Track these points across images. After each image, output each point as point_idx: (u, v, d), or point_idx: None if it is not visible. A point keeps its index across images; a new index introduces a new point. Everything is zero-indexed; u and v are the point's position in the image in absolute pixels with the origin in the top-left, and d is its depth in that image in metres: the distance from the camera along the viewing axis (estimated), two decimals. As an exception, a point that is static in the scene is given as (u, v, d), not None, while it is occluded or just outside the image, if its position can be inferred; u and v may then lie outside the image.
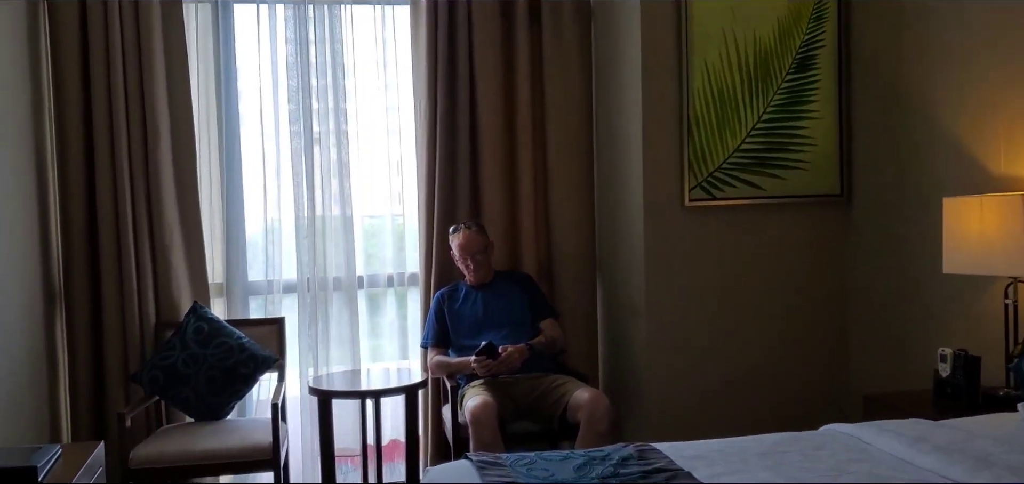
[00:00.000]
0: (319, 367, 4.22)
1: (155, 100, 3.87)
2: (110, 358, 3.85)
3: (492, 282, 4.06)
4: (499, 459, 2.38)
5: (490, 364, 3.69)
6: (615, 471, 2.22)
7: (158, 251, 3.91)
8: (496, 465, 2.32)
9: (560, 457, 2.37)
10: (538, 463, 2.31)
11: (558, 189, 4.31)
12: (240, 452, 3.48)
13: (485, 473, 2.24)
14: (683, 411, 3.95)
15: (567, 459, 2.34)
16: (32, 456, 2.03)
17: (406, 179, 4.37)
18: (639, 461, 2.32)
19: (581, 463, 2.29)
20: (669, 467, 2.26)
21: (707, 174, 3.92)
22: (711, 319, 3.98)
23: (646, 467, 2.26)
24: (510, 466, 2.30)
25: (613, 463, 2.27)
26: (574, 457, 2.36)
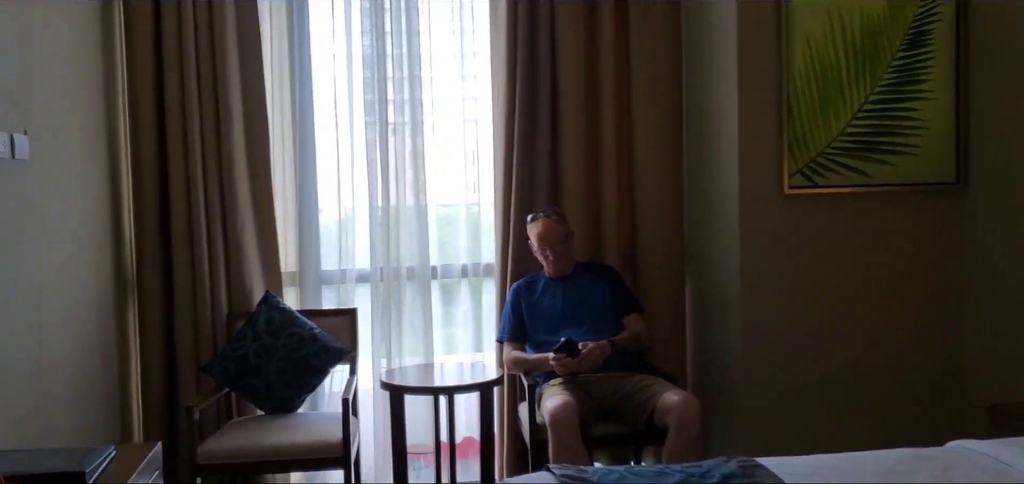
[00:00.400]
0: (392, 359, 4.06)
1: (228, 88, 3.74)
2: (182, 349, 3.76)
3: (573, 274, 3.83)
4: (584, 473, 2.16)
5: (569, 362, 3.47)
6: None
7: (231, 240, 3.80)
8: (582, 480, 2.09)
9: (654, 473, 2.14)
10: (629, 480, 2.08)
11: (644, 176, 4.05)
12: (310, 448, 3.34)
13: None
14: (779, 416, 3.67)
15: (662, 475, 2.11)
16: (83, 459, 1.89)
17: (482, 168, 4.19)
18: (744, 479, 2.06)
19: (678, 481, 2.04)
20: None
21: (809, 159, 3.61)
22: (812, 317, 3.67)
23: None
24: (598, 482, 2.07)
25: (715, 482, 2.03)
26: (671, 474, 2.12)
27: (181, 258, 3.74)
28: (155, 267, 3.76)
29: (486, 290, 4.23)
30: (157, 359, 3.77)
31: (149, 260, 3.75)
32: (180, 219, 3.73)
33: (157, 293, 3.77)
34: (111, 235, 3.60)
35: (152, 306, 3.76)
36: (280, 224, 3.96)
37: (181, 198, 3.72)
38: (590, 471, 2.17)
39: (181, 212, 3.73)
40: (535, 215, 3.80)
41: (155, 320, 3.76)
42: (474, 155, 4.18)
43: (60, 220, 3.11)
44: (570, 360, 3.46)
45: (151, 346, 3.76)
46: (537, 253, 3.79)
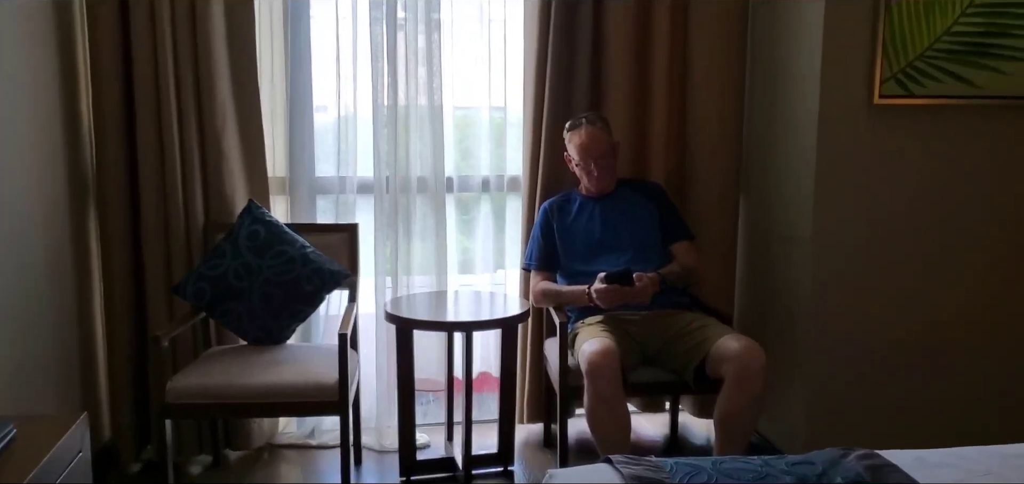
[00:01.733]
0: (398, 285, 3.49)
1: (205, -47, 3.09)
2: (151, 265, 3.18)
3: (614, 192, 3.24)
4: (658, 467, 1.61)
5: (623, 293, 2.89)
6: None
7: (207, 136, 3.18)
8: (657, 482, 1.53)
9: (751, 473, 1.58)
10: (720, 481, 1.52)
11: (699, 79, 3.43)
12: (299, 390, 2.80)
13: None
14: (859, 371, 3.12)
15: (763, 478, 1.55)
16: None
17: (510, 70, 3.56)
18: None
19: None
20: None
21: (906, 64, 2.98)
22: (903, 253, 3.09)
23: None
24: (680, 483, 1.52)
25: (839, 489, 1.47)
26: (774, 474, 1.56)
27: (148, 159, 3.13)
28: (118, 169, 3.16)
29: (511, 208, 3.64)
30: (122, 278, 3.19)
31: (111, 160, 3.14)
32: (147, 111, 3.11)
33: (121, 200, 3.17)
34: (62, 124, 2.99)
35: (115, 216, 3.16)
36: (267, 121, 3.35)
37: (148, 84, 3.09)
38: (667, 467, 1.61)
39: (148, 102, 3.10)
40: (576, 121, 3.19)
41: (119, 232, 3.17)
42: (500, 55, 3.56)
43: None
44: (623, 291, 2.89)
45: (116, 261, 3.17)
46: (576, 166, 3.19)
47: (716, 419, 2.82)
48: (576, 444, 3.40)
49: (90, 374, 3.18)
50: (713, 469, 1.57)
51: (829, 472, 1.57)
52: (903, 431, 3.16)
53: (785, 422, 3.26)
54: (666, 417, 3.65)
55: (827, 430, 3.12)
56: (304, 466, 3.33)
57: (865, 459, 1.63)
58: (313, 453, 3.43)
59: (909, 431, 3.16)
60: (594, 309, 3.02)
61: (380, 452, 3.44)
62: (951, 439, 3.08)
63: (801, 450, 3.08)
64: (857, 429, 3.13)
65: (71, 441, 1.49)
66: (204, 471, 3.28)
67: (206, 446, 3.33)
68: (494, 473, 3.24)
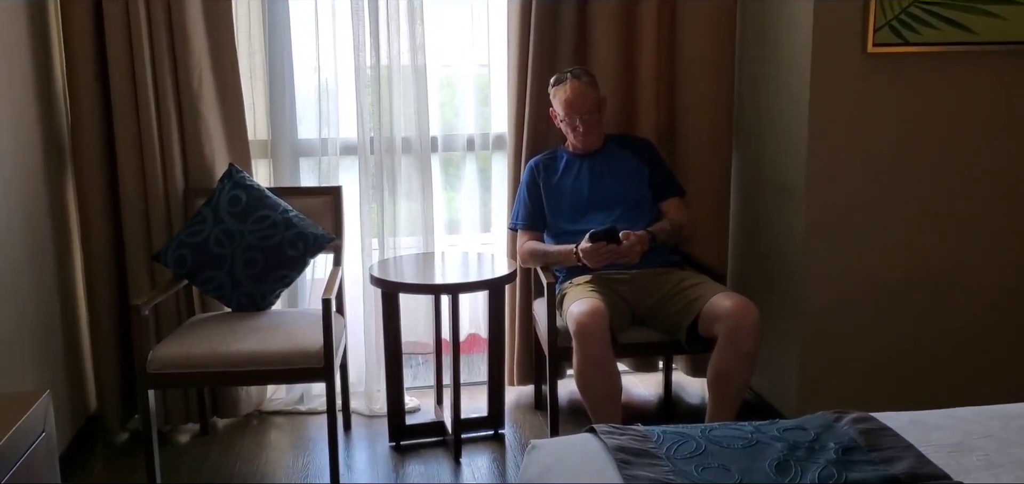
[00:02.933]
0: (384, 247, 3.42)
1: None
2: (131, 232, 3.12)
3: (602, 149, 3.16)
4: (644, 436, 1.55)
5: (609, 251, 2.83)
6: (841, 477, 1.37)
7: (184, 100, 3.10)
8: (643, 455, 1.48)
9: (742, 440, 1.53)
10: (710, 452, 1.47)
11: (688, 26, 3.33)
12: (283, 357, 2.74)
13: (629, 468, 1.41)
14: (854, 322, 3.07)
15: (753, 445, 1.50)
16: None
17: (493, 26, 3.46)
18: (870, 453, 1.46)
19: (780, 459, 1.44)
20: (932, 473, 1.39)
21: (900, 10, 2.89)
22: (896, 204, 3.03)
23: (886, 472, 1.39)
24: (667, 455, 1.46)
25: (832, 459, 1.42)
26: (765, 440, 1.51)
27: (124, 123, 3.05)
28: (94, 134, 3.08)
29: (496, 166, 3.56)
30: (102, 246, 3.13)
31: (87, 125, 3.06)
32: (121, 71, 3.02)
33: (98, 167, 3.10)
34: (37, 92, 2.90)
35: (93, 183, 3.09)
36: (246, 83, 3.26)
37: (120, 44, 3.00)
38: (652, 434, 1.56)
39: (122, 63, 3.01)
40: (561, 76, 3.10)
41: (97, 200, 3.10)
42: (483, 14, 3.47)
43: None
44: (610, 249, 2.83)
45: (94, 227, 3.11)
46: (562, 123, 3.11)
47: (709, 378, 2.77)
48: (568, 405, 3.37)
49: (73, 344, 3.13)
50: (702, 436, 1.51)
51: (822, 437, 1.52)
52: (899, 382, 3.13)
53: (779, 377, 3.22)
54: (660, 377, 3.62)
55: (822, 384, 3.08)
56: (293, 432, 3.29)
57: (859, 422, 1.58)
58: (303, 419, 3.39)
59: (905, 382, 3.13)
60: (582, 269, 2.96)
61: (370, 417, 3.40)
62: (949, 390, 3.09)
63: (795, 406, 3.08)
64: (853, 382, 3.10)
65: (32, 421, 1.43)
66: (192, 439, 3.24)
67: (194, 414, 3.28)
68: (484, 436, 3.21)
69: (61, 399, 2.98)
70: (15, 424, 1.36)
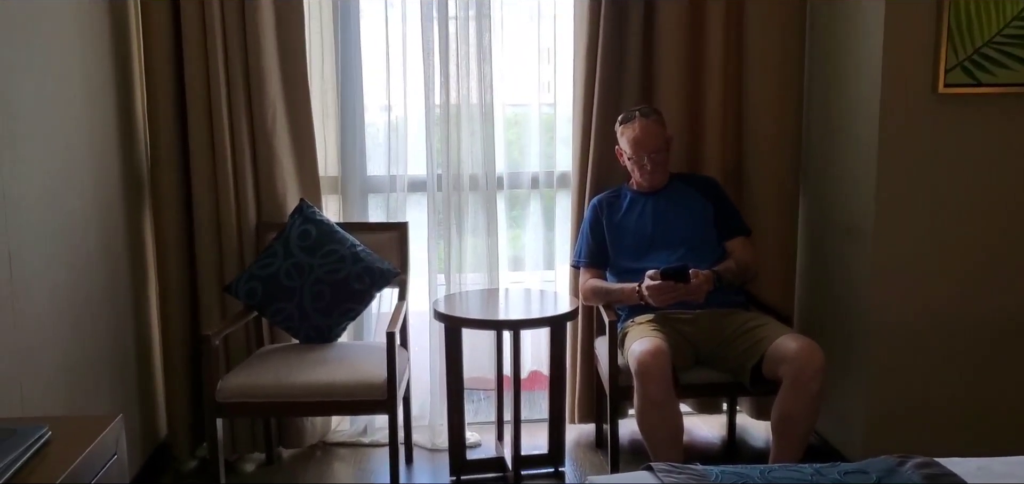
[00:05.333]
0: (451, 282, 3.46)
1: (255, -44, 3.10)
2: (204, 264, 3.22)
3: (666, 187, 3.16)
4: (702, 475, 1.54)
5: (674, 292, 2.82)
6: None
7: (259, 136, 3.21)
8: (698, 489, 1.47)
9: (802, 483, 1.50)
10: (766, 490, 1.46)
11: (755, 67, 3.32)
12: (348, 389, 2.79)
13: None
14: (922, 369, 2.99)
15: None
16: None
17: (559, 66, 3.51)
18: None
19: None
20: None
21: (973, 50, 2.84)
22: (967, 249, 2.95)
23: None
24: (722, 492, 1.45)
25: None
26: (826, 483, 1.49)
27: (201, 159, 3.17)
28: (172, 168, 3.20)
29: (560, 205, 3.59)
30: (176, 277, 3.24)
31: (165, 160, 3.18)
32: (198, 111, 3.14)
33: (175, 200, 3.21)
34: (119, 127, 3.04)
35: (169, 215, 3.20)
36: (318, 121, 3.36)
37: (199, 85, 3.13)
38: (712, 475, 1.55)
39: (199, 102, 3.14)
40: (629, 114, 3.12)
41: (173, 232, 3.22)
42: (549, 53, 3.52)
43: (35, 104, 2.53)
44: (676, 288, 2.82)
45: (169, 262, 3.22)
46: (629, 161, 3.12)
47: (773, 421, 2.73)
48: (629, 445, 3.34)
49: (146, 372, 3.23)
50: (760, 478, 1.50)
51: (884, 481, 1.49)
52: (967, 432, 3.02)
53: (845, 421, 3.15)
54: (723, 419, 3.56)
55: (888, 430, 3.00)
56: (356, 464, 3.33)
57: (923, 467, 1.54)
58: (365, 451, 3.43)
59: (973, 432, 3.03)
60: (644, 307, 2.96)
61: (432, 450, 3.43)
62: (1019, 441, 2.97)
63: (860, 451, 3.00)
64: (919, 429, 3.01)
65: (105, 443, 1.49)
66: (257, 469, 3.31)
67: (260, 444, 3.35)
68: (544, 474, 3.20)
69: (133, 425, 3.08)
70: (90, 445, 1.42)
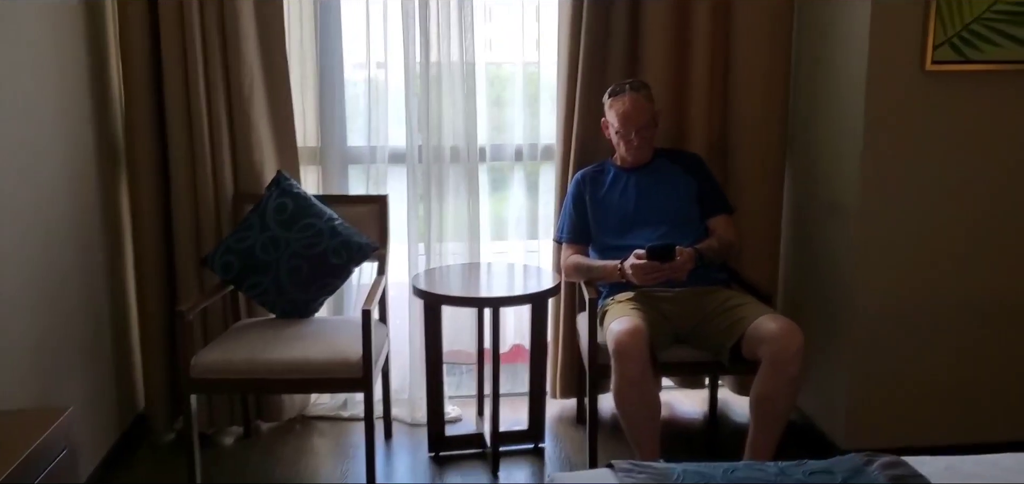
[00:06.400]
0: (431, 252, 3.42)
1: (229, -86, 3.02)
2: (181, 236, 3.17)
3: (650, 163, 3.11)
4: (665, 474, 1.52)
5: (658, 271, 2.78)
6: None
7: (235, 106, 3.14)
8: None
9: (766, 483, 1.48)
10: (728, 491, 1.43)
11: (742, 44, 3.26)
12: (323, 366, 2.75)
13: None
14: (900, 351, 2.97)
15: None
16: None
17: (544, 32, 3.44)
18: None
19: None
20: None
21: (961, 27, 2.78)
22: (953, 228, 2.92)
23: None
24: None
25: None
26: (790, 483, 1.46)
27: (177, 129, 3.11)
28: (148, 138, 3.14)
29: (544, 177, 3.54)
30: (153, 249, 3.19)
31: (140, 130, 3.12)
32: (174, 76, 3.06)
33: (151, 171, 3.16)
34: (92, 96, 2.97)
35: (145, 186, 3.15)
36: (297, 90, 3.30)
37: (175, 49, 3.05)
38: (674, 474, 1.52)
39: (175, 68, 3.06)
40: (618, 87, 3.06)
41: (149, 204, 3.16)
42: (532, 19, 3.45)
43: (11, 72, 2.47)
44: (661, 268, 2.78)
45: (145, 233, 3.17)
46: (616, 134, 3.06)
47: (752, 401, 2.71)
48: (611, 420, 3.32)
49: (123, 345, 3.20)
50: (723, 478, 1.47)
51: (849, 482, 1.46)
52: (950, 409, 3.02)
53: (828, 399, 3.13)
54: (705, 393, 3.54)
55: (871, 407, 2.99)
56: (335, 438, 3.31)
57: (889, 468, 1.51)
58: (345, 425, 3.42)
59: (955, 409, 3.02)
60: (626, 285, 2.92)
61: (412, 425, 3.41)
62: (1003, 419, 2.97)
63: (844, 429, 2.99)
64: (902, 406, 3.00)
65: (53, 438, 1.46)
66: (236, 442, 3.29)
67: (238, 417, 3.33)
68: (524, 449, 3.19)
69: (109, 398, 3.06)
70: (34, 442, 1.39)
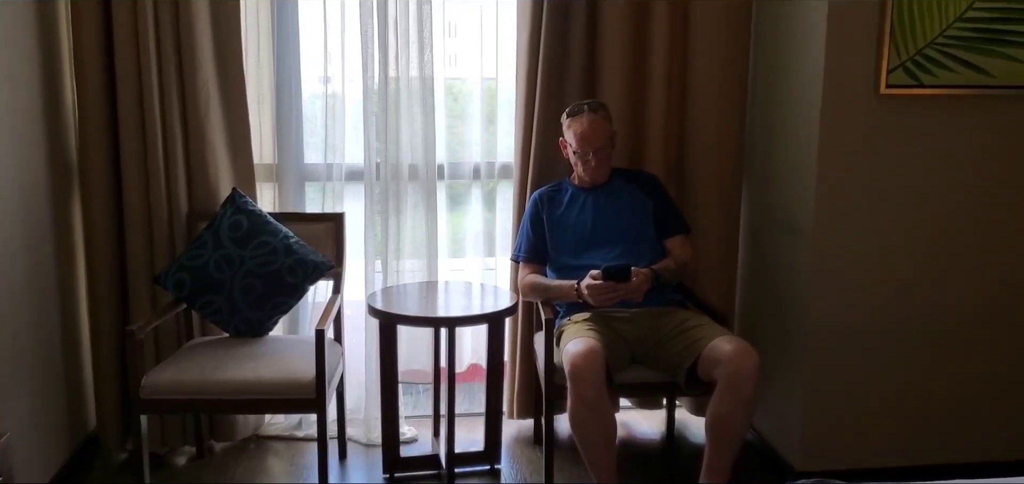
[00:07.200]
0: (388, 270, 3.39)
1: (187, -71, 2.99)
2: (134, 254, 3.11)
3: (607, 183, 3.11)
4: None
5: (614, 292, 2.78)
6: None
7: (191, 122, 3.10)
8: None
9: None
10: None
11: (699, 60, 3.28)
12: (275, 386, 2.72)
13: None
14: (854, 370, 2.99)
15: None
16: None
17: (502, 50, 3.44)
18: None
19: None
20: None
21: (915, 51, 2.82)
22: (906, 248, 2.95)
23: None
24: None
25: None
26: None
27: (131, 145, 3.05)
28: (102, 155, 3.08)
29: (502, 195, 3.52)
30: (106, 267, 3.12)
31: (94, 147, 3.06)
32: (129, 90, 3.02)
33: (105, 188, 3.10)
34: (46, 113, 2.92)
35: (99, 204, 3.09)
36: (253, 105, 3.26)
37: (130, 67, 3.00)
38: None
39: (129, 85, 3.02)
40: (577, 107, 3.05)
41: (103, 220, 3.10)
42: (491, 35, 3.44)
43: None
44: (617, 288, 2.78)
45: (99, 251, 3.11)
46: (574, 154, 3.06)
47: (707, 423, 2.70)
48: (568, 440, 3.30)
49: (74, 362, 3.14)
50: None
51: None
52: (905, 429, 3.05)
53: (784, 420, 3.15)
54: (663, 414, 3.54)
55: (827, 429, 3.01)
56: (290, 458, 3.26)
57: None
58: (300, 445, 3.37)
59: (911, 429, 3.05)
60: (583, 305, 2.91)
61: (367, 446, 3.37)
62: (957, 439, 3.01)
63: (799, 450, 3.01)
64: (858, 426, 3.02)
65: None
66: (188, 462, 3.23)
67: (190, 437, 3.27)
68: (479, 470, 3.16)
69: (59, 417, 3.00)
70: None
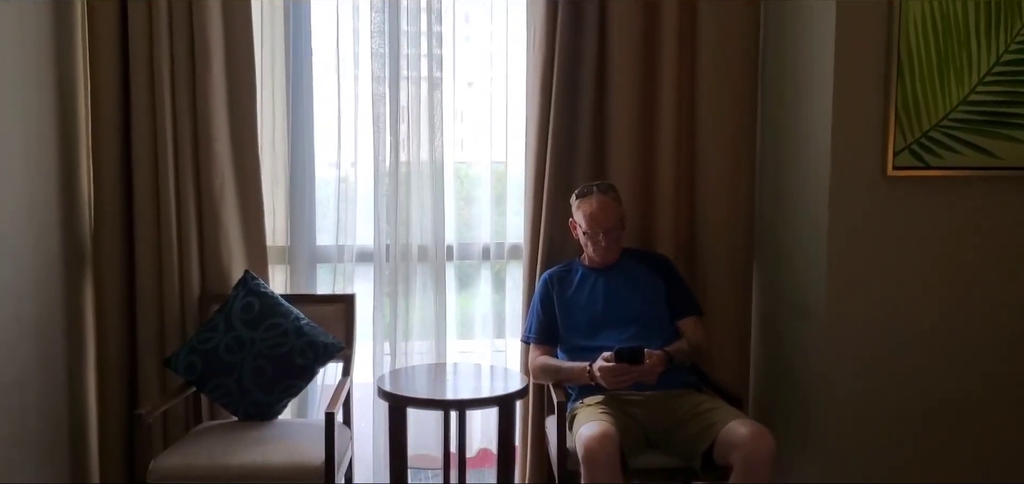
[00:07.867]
0: (397, 351, 3.38)
1: (206, 21, 3.06)
2: (144, 336, 3.12)
3: (618, 263, 3.12)
4: None
5: (628, 374, 2.77)
6: None
7: (205, 205, 3.14)
8: None
9: None
10: None
11: (708, 145, 3.31)
12: (284, 471, 2.69)
13: None
14: (870, 453, 2.96)
15: None
16: None
17: (511, 133, 3.49)
18: None
19: None
20: None
21: (921, 134, 2.85)
22: (917, 329, 2.94)
23: None
24: None
25: None
26: None
27: (144, 224, 3.09)
28: (115, 236, 3.12)
29: (511, 276, 3.54)
30: (116, 349, 3.14)
31: (108, 228, 3.11)
32: (144, 177, 3.07)
33: (117, 269, 3.13)
34: (61, 194, 2.96)
35: (111, 285, 3.12)
36: (267, 188, 3.30)
37: (146, 151, 3.06)
38: None
39: (145, 169, 3.07)
40: (586, 189, 3.08)
41: (114, 302, 3.12)
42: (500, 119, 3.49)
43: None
44: (630, 370, 2.76)
45: (109, 332, 3.12)
46: (583, 236, 3.08)
47: (724, 508, 2.67)
48: (581, 526, 3.25)
49: (80, 446, 3.12)
50: None
51: None
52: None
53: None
54: (677, 498, 3.49)
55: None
56: (298, 544, 3.20)
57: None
58: (308, 530, 3.31)
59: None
60: (595, 387, 2.89)
61: (376, 530, 3.32)
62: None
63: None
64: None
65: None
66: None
67: (199, 521, 3.22)
68: (491, 558, 3.11)
69: (64, 502, 2.97)
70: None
